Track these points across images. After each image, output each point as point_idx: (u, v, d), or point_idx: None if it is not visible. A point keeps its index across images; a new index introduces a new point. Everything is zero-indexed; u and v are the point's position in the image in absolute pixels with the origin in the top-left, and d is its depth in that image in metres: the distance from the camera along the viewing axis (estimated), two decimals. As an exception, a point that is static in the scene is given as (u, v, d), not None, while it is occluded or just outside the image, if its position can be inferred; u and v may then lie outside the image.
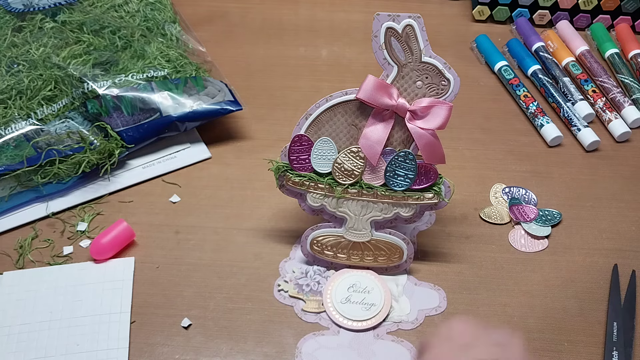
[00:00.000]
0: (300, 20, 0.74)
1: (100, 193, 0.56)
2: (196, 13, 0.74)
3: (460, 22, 0.74)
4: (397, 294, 0.50)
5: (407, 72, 0.44)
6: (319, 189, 0.47)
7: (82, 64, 0.59)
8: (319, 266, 0.51)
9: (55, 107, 0.57)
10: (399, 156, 0.45)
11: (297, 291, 0.50)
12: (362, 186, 0.47)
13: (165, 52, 0.62)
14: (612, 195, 0.57)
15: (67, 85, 0.57)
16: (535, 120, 0.62)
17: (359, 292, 0.49)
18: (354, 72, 0.68)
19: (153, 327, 0.48)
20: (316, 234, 0.50)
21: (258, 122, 0.63)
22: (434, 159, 0.45)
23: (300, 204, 0.49)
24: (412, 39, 0.43)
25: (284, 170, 0.48)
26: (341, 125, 0.46)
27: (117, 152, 0.56)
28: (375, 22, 0.43)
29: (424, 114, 0.44)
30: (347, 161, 0.46)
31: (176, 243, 0.53)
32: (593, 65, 0.67)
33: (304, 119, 0.46)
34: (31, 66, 0.58)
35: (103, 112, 0.56)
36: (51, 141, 0.55)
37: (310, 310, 0.49)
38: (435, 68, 0.43)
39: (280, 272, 0.51)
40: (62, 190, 0.55)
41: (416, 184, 0.46)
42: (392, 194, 0.47)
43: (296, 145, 0.47)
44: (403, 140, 0.46)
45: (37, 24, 0.62)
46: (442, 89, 0.44)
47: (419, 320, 0.48)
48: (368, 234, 0.49)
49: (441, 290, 0.50)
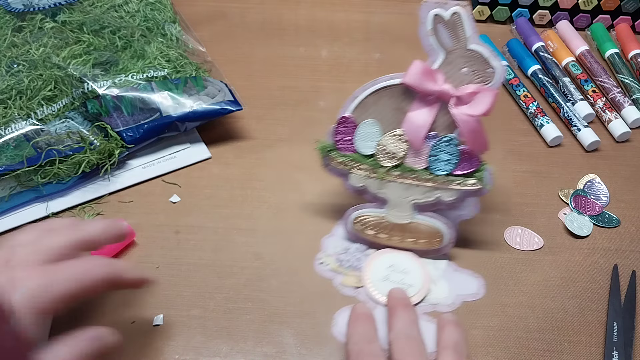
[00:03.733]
0: (300, 20, 0.74)
1: (100, 193, 0.56)
2: (196, 13, 0.74)
3: (460, 22, 0.74)
4: (436, 278, 0.50)
5: (453, 58, 0.44)
6: (362, 170, 0.48)
7: (82, 64, 0.59)
8: (360, 244, 0.52)
9: (55, 107, 0.57)
10: (442, 141, 0.46)
11: (338, 265, 0.51)
12: (404, 169, 0.48)
13: (165, 52, 0.62)
14: (612, 195, 0.57)
15: (67, 85, 0.57)
16: (535, 120, 0.62)
17: (398, 272, 0.50)
18: (354, 72, 0.68)
19: (153, 327, 0.48)
20: (358, 213, 0.51)
21: (258, 122, 0.63)
22: (477, 145, 0.46)
23: (344, 184, 0.50)
24: (459, 26, 0.43)
25: (329, 150, 0.49)
26: (386, 109, 0.47)
27: (117, 152, 0.56)
28: (423, 9, 0.44)
29: (468, 100, 0.45)
30: (390, 144, 0.47)
31: (176, 243, 0.53)
32: (593, 65, 0.67)
33: (350, 101, 0.47)
34: (31, 66, 0.58)
35: (103, 112, 0.56)
36: (51, 141, 0.55)
37: (348, 285, 0.50)
38: (481, 55, 0.44)
39: (322, 247, 0.52)
40: (62, 190, 0.55)
41: (458, 169, 0.47)
42: (433, 178, 0.47)
43: (341, 126, 0.48)
44: (447, 126, 0.46)
45: (37, 24, 0.62)
46: (488, 76, 0.44)
47: (456, 304, 0.49)
48: (409, 216, 0.49)
49: (480, 278, 0.51)
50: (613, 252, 0.53)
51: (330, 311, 0.49)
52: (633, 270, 0.51)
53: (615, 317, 0.48)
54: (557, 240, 0.54)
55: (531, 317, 0.49)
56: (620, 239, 0.54)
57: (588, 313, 0.49)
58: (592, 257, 0.53)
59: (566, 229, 0.54)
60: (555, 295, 0.50)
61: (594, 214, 0.55)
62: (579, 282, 0.51)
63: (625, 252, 0.53)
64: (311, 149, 0.60)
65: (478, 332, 0.48)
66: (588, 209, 0.56)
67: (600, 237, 0.54)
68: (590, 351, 0.47)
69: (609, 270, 0.52)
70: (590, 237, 0.54)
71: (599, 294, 0.50)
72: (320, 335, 0.48)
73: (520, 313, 0.49)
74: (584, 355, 0.47)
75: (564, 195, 0.57)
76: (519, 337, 0.48)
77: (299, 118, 0.63)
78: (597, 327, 0.48)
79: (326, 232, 0.54)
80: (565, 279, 0.51)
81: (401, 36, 0.72)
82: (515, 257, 0.53)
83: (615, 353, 0.46)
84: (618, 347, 0.46)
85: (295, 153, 0.60)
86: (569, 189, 0.57)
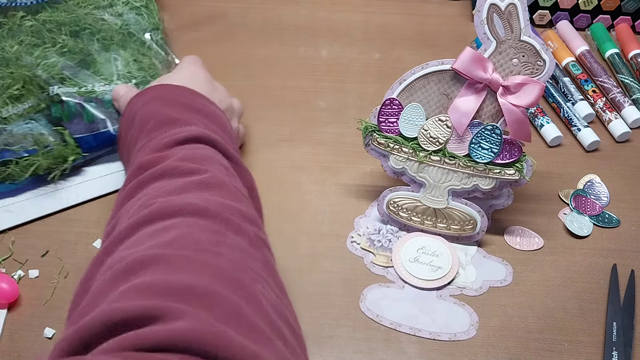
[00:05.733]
0: (300, 20, 0.74)
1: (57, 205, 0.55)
2: (196, 13, 0.74)
3: (460, 22, 0.74)
4: (465, 263, 0.51)
5: (504, 48, 0.45)
6: (403, 152, 0.49)
7: (52, 66, 0.58)
8: (392, 226, 0.53)
9: (21, 107, 0.56)
10: (485, 129, 0.47)
11: (369, 245, 0.52)
12: (445, 154, 0.49)
13: (140, 60, 0.61)
14: (612, 195, 0.57)
15: (35, 86, 0.56)
16: (535, 120, 0.62)
17: (428, 254, 0.51)
18: (354, 72, 0.68)
19: (153, 327, 0.48)
20: (393, 195, 0.52)
21: (258, 122, 0.63)
22: (520, 136, 0.47)
23: (383, 165, 0.51)
24: (513, 17, 0.44)
25: (371, 131, 0.50)
26: (433, 94, 0.48)
27: (71, 159, 0.55)
28: None
29: (516, 90, 0.45)
30: (434, 128, 0.48)
31: (176, 243, 0.53)
32: (593, 65, 0.67)
33: (398, 84, 0.48)
34: (2, 63, 0.57)
35: (64, 117, 0.55)
36: (9, 141, 0.54)
37: (379, 264, 0.51)
38: (532, 48, 0.45)
39: (355, 227, 0.54)
40: (13, 191, 0.55)
41: (499, 158, 0.48)
42: (474, 165, 0.48)
43: (387, 107, 0.49)
44: (492, 115, 0.47)
45: (16, 22, 0.60)
46: (537, 68, 0.45)
47: (483, 289, 0.50)
48: (445, 201, 0.50)
49: (509, 266, 0.51)
50: (613, 252, 0.53)
51: (359, 287, 0.50)
52: (632, 270, 0.51)
53: (614, 316, 0.48)
54: (557, 240, 0.54)
55: (531, 317, 0.49)
56: (620, 239, 0.54)
57: (588, 313, 0.49)
58: (592, 257, 0.53)
59: (566, 229, 0.54)
60: (555, 295, 0.50)
61: (594, 214, 0.55)
62: (578, 282, 0.51)
63: (625, 252, 0.53)
64: (311, 149, 0.60)
65: (478, 332, 0.48)
66: (588, 209, 0.56)
67: (600, 237, 0.54)
68: (590, 351, 0.47)
69: (609, 270, 0.52)
70: (590, 237, 0.54)
71: (599, 293, 0.50)
72: (320, 335, 0.48)
73: (520, 313, 0.49)
74: (583, 355, 0.47)
75: (564, 195, 0.57)
76: (519, 337, 0.48)
77: (299, 118, 0.63)
78: (597, 326, 0.48)
79: (360, 212, 0.55)
80: (565, 279, 0.51)
81: (401, 36, 0.72)
82: (515, 257, 0.53)
83: (614, 353, 0.46)
84: (617, 346, 0.46)
85: (295, 153, 0.60)
86: (569, 189, 0.57)
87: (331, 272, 0.51)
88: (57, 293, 0.50)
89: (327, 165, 0.59)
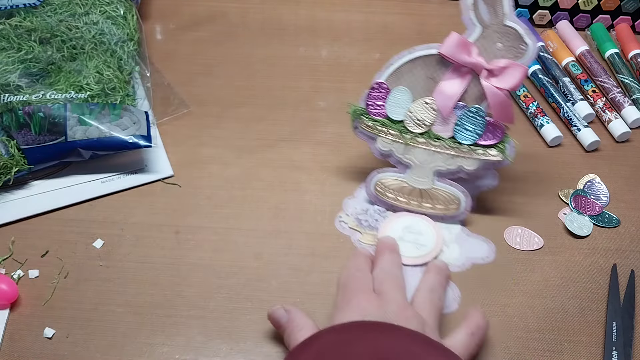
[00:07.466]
0: (300, 20, 0.74)
1: None
2: (196, 13, 0.74)
3: (460, 22, 0.74)
4: (449, 241, 0.53)
5: (489, 33, 0.47)
6: (390, 134, 0.50)
7: (11, 72, 0.57)
8: (379, 206, 0.54)
9: None
10: (470, 111, 0.48)
11: (356, 224, 0.53)
12: (430, 136, 0.50)
13: (102, 71, 0.59)
14: (612, 195, 0.57)
15: None
16: (535, 120, 0.62)
17: (413, 233, 0.53)
18: (354, 72, 0.68)
19: (153, 327, 0.48)
20: (381, 177, 0.53)
21: (258, 122, 0.63)
22: (503, 118, 0.48)
23: (371, 147, 0.52)
24: (498, 3, 0.46)
25: (360, 114, 0.51)
26: (419, 78, 0.49)
27: (15, 170, 0.54)
28: None
29: (500, 73, 0.47)
30: (419, 111, 0.49)
31: (176, 243, 0.53)
32: (593, 65, 0.67)
33: (386, 68, 0.49)
34: None
35: (14, 126, 0.54)
36: None
37: (365, 242, 0.52)
38: (516, 32, 0.46)
39: (343, 207, 0.55)
40: None
41: (482, 139, 0.49)
42: (458, 146, 0.49)
43: (375, 91, 0.50)
44: (476, 98, 0.48)
45: None
46: (520, 52, 0.46)
47: (465, 266, 0.51)
48: (430, 182, 0.52)
49: (491, 244, 0.52)
50: (613, 252, 0.53)
51: None
52: (632, 270, 0.51)
53: (614, 316, 0.48)
54: (557, 240, 0.54)
55: (531, 317, 0.49)
56: (620, 239, 0.54)
57: (588, 313, 0.49)
58: (592, 257, 0.53)
59: (566, 229, 0.54)
60: (555, 295, 0.50)
61: (594, 214, 0.55)
62: (578, 282, 0.51)
63: (625, 252, 0.53)
64: (311, 148, 0.60)
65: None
66: (588, 209, 0.56)
67: (600, 237, 0.54)
68: (590, 351, 0.47)
69: (609, 270, 0.52)
70: (590, 237, 0.54)
71: (599, 293, 0.50)
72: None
73: (520, 313, 0.49)
74: (583, 355, 0.47)
75: (564, 195, 0.57)
76: (519, 337, 0.48)
77: (299, 118, 0.63)
78: (597, 326, 0.48)
79: (348, 193, 0.56)
80: (565, 279, 0.51)
81: (401, 36, 0.72)
82: (515, 257, 0.53)
83: (614, 353, 0.46)
84: (617, 346, 0.46)
85: (295, 153, 0.60)
86: (569, 189, 0.57)
87: (331, 272, 0.51)
88: (57, 293, 0.50)
89: (327, 165, 0.59)
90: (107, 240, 0.53)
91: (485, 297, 0.50)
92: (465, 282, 0.51)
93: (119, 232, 0.54)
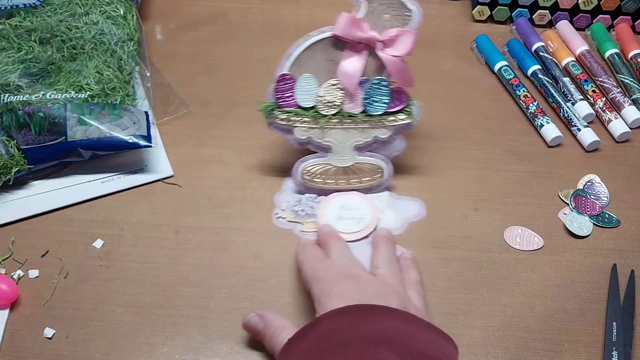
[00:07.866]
0: (300, 20, 0.74)
1: None
2: (196, 13, 0.74)
3: (460, 22, 0.74)
4: (382, 208, 0.55)
5: (375, 7, 0.49)
6: (305, 122, 0.52)
7: (11, 72, 0.57)
8: (310, 194, 0.56)
9: None
10: (374, 84, 0.50)
11: (294, 216, 0.54)
12: (343, 115, 0.51)
13: (101, 71, 0.59)
14: (612, 195, 0.57)
15: None
16: (535, 120, 0.62)
17: (350, 209, 0.54)
18: (354, 72, 0.68)
19: (153, 327, 0.48)
20: (305, 165, 0.54)
21: (258, 122, 0.62)
22: (404, 82, 0.51)
23: (289, 139, 0.53)
24: None
25: (271, 109, 0.52)
26: (320, 62, 0.50)
27: (15, 170, 0.54)
28: None
29: (392, 42, 0.49)
30: (328, 94, 0.51)
31: (176, 243, 0.53)
32: (593, 65, 0.67)
33: (285, 59, 0.51)
34: None
35: (14, 126, 0.54)
36: None
37: (308, 230, 0.54)
38: (398, 1, 0.48)
39: (276, 204, 0.55)
40: None
41: (391, 107, 0.51)
42: (370, 119, 0.52)
43: (281, 84, 0.51)
44: (376, 69, 0.51)
45: None
46: (407, 18, 0.49)
47: (404, 227, 0.55)
48: (352, 158, 0.54)
49: (419, 201, 0.56)
50: (613, 252, 0.53)
51: None
52: (632, 270, 0.51)
53: (614, 316, 0.48)
54: (557, 240, 0.54)
55: (531, 317, 0.49)
56: (620, 239, 0.54)
57: (588, 313, 0.49)
58: (591, 257, 0.53)
59: (566, 229, 0.54)
60: (555, 295, 0.50)
61: (594, 214, 0.55)
62: (578, 282, 0.51)
63: (625, 252, 0.53)
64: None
65: (478, 332, 0.48)
66: (588, 209, 0.56)
67: (600, 237, 0.54)
68: (590, 351, 0.47)
69: (609, 270, 0.52)
70: (590, 237, 0.54)
71: (599, 293, 0.50)
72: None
73: (520, 313, 0.49)
74: (583, 355, 0.47)
75: (564, 195, 0.57)
76: (519, 337, 0.48)
77: (299, 118, 0.63)
78: (597, 327, 0.48)
79: (277, 189, 0.57)
80: (565, 279, 0.51)
81: (401, 36, 0.72)
82: (515, 257, 0.53)
83: (614, 353, 0.46)
84: (617, 346, 0.46)
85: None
86: (569, 189, 0.57)
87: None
88: (57, 293, 0.50)
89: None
90: (107, 240, 0.53)
91: (485, 297, 0.50)
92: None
93: (119, 232, 0.54)
